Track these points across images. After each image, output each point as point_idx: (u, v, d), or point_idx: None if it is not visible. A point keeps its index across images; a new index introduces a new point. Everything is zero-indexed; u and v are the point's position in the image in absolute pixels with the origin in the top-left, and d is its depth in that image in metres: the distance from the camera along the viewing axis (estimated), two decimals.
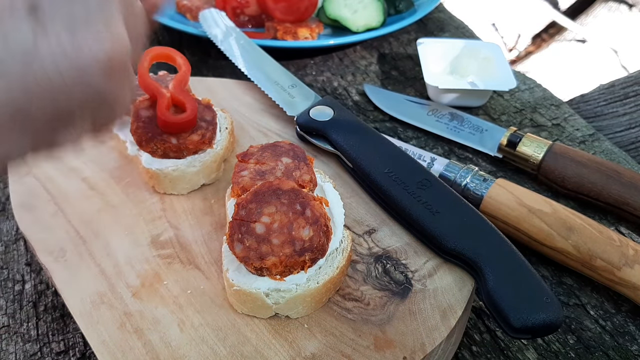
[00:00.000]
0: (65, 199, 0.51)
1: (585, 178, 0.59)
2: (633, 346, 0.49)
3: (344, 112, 0.56)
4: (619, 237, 0.51)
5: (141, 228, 0.49)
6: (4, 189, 0.62)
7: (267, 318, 0.41)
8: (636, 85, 0.86)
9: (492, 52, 0.75)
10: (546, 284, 0.41)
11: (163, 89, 0.53)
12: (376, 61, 0.84)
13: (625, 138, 0.81)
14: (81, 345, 0.48)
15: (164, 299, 0.43)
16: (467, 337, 0.49)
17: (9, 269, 0.54)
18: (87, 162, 0.55)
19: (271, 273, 0.40)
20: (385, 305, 0.42)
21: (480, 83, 0.72)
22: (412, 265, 0.45)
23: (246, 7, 0.84)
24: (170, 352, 0.39)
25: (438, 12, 0.97)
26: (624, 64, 2.19)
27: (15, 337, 0.49)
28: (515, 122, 0.72)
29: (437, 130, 0.69)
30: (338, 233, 0.44)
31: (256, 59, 0.66)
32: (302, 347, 0.40)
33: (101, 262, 0.46)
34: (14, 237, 0.57)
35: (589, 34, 2.27)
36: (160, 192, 0.52)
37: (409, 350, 0.39)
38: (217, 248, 0.47)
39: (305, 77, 0.80)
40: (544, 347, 0.48)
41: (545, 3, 2.41)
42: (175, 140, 0.51)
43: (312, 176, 0.47)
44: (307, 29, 0.81)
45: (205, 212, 0.50)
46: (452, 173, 0.58)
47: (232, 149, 0.56)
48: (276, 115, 0.61)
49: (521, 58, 2.38)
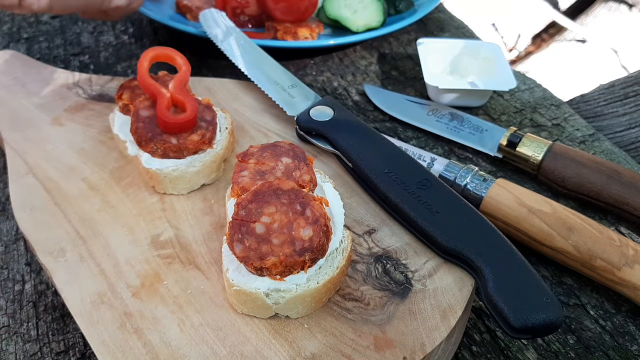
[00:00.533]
0: (65, 199, 0.51)
1: (585, 178, 0.59)
2: (633, 346, 0.49)
3: (344, 112, 0.56)
4: (619, 237, 0.51)
5: (141, 228, 0.49)
6: (4, 189, 0.62)
7: (267, 318, 0.41)
8: (636, 85, 0.86)
9: (492, 52, 0.75)
10: (546, 284, 0.41)
11: (163, 89, 0.53)
12: (376, 61, 0.84)
13: (625, 138, 0.81)
14: (81, 345, 0.48)
15: (164, 299, 0.43)
16: (467, 337, 0.49)
17: (9, 269, 0.54)
18: (87, 162, 0.55)
19: (271, 273, 0.40)
20: (385, 305, 0.42)
21: (480, 83, 0.72)
22: (412, 265, 0.45)
23: (246, 7, 0.84)
24: (170, 352, 0.39)
25: (438, 12, 0.97)
26: (624, 64, 2.19)
27: (15, 337, 0.49)
28: (515, 122, 0.72)
29: (437, 130, 0.69)
30: (338, 233, 0.44)
31: (256, 59, 0.66)
32: (302, 347, 0.40)
33: (101, 262, 0.46)
34: (14, 237, 0.57)
35: (589, 34, 2.27)
36: (160, 192, 0.52)
37: (409, 350, 0.39)
38: (217, 248, 0.47)
39: (305, 77, 0.80)
40: (544, 347, 0.48)
41: (545, 3, 2.41)
42: (175, 140, 0.51)
43: (312, 176, 0.47)
44: (307, 29, 0.81)
45: (205, 212, 0.50)
46: (452, 173, 0.58)
47: (232, 149, 0.56)
48: (276, 115, 0.61)
49: (521, 58, 2.38)
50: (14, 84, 0.66)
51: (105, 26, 0.92)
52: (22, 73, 0.68)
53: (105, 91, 0.65)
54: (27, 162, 0.55)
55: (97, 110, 0.62)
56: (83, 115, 0.61)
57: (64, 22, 0.93)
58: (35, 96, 0.64)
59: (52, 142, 0.57)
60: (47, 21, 0.93)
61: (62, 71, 0.68)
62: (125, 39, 0.89)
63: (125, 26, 0.92)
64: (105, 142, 0.57)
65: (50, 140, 0.58)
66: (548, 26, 2.40)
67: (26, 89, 0.65)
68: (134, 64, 0.83)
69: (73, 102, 0.63)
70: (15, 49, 0.85)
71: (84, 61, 0.84)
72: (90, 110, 0.62)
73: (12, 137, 0.58)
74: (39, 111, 0.62)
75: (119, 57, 0.85)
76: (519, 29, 2.44)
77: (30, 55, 0.85)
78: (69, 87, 0.65)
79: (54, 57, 0.85)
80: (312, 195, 0.44)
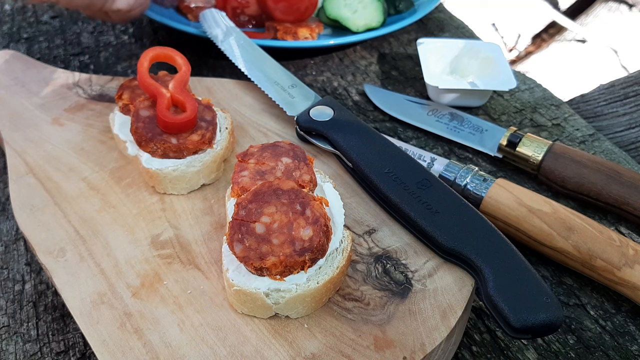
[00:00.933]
0: (65, 199, 0.51)
1: (585, 178, 0.59)
2: (633, 346, 0.49)
3: (344, 112, 0.56)
4: (619, 237, 0.51)
5: (141, 228, 0.49)
6: (4, 189, 0.62)
7: (267, 318, 0.41)
8: (636, 85, 0.86)
9: (492, 52, 0.75)
10: (546, 284, 0.41)
11: (163, 89, 0.53)
12: (376, 61, 0.84)
13: (625, 138, 0.81)
14: (81, 345, 0.48)
15: (164, 299, 0.43)
16: (467, 337, 0.49)
17: (9, 269, 0.54)
18: (87, 162, 0.55)
19: (271, 273, 0.40)
20: (385, 305, 0.42)
21: (480, 83, 0.72)
22: (412, 265, 0.45)
23: (246, 7, 0.84)
24: (170, 352, 0.39)
25: (438, 12, 0.97)
26: (624, 64, 2.19)
27: (15, 337, 0.49)
28: (515, 122, 0.72)
29: (437, 130, 0.69)
30: (338, 233, 0.44)
31: (256, 59, 0.66)
32: (302, 347, 0.40)
33: (101, 262, 0.46)
34: (14, 237, 0.57)
35: (589, 34, 2.27)
36: (160, 192, 0.52)
37: (409, 350, 0.39)
38: (217, 248, 0.47)
39: (305, 77, 0.80)
40: (544, 347, 0.48)
41: (545, 3, 2.41)
42: (175, 140, 0.51)
43: (312, 176, 0.47)
44: (307, 29, 0.81)
45: (205, 212, 0.50)
46: (452, 173, 0.58)
47: (232, 149, 0.56)
48: (276, 115, 0.61)
49: (521, 58, 2.38)
50: (14, 84, 0.66)
51: (105, 26, 0.92)
52: (22, 73, 0.68)
53: (105, 91, 0.65)
54: (27, 162, 0.55)
55: (97, 110, 0.62)
56: (83, 115, 0.61)
57: (64, 22, 0.93)
58: (35, 96, 0.64)
59: (52, 142, 0.57)
60: (47, 21, 0.93)
61: (62, 71, 0.68)
62: (125, 39, 0.89)
63: (125, 26, 0.92)
64: (105, 142, 0.57)
65: (50, 140, 0.58)
66: (548, 26, 2.40)
67: (26, 89, 0.65)
68: (134, 64, 0.83)
69: (73, 102, 0.63)
70: (15, 49, 0.85)
71: (84, 61, 0.84)
72: (90, 110, 0.62)
73: (12, 137, 0.58)
74: (39, 111, 0.62)
75: (119, 57, 0.85)
76: (519, 29, 2.44)
77: (30, 55, 0.85)
78: (69, 87, 0.65)
79: (54, 57, 0.85)
80: (312, 195, 0.44)
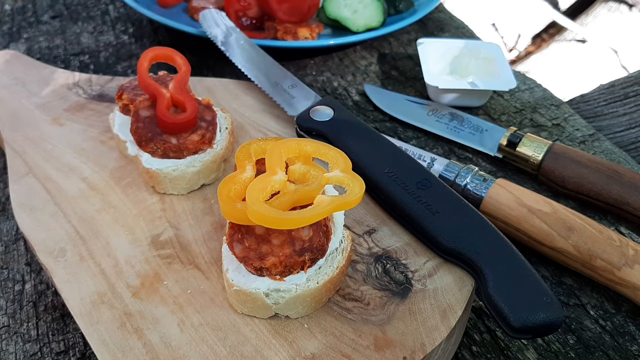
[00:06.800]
0: (65, 199, 0.51)
1: (585, 178, 0.59)
2: (633, 346, 0.49)
3: (344, 112, 0.56)
4: (619, 237, 0.51)
5: (141, 228, 0.49)
6: (4, 189, 0.62)
7: (267, 318, 0.41)
8: (636, 85, 0.86)
9: (492, 52, 0.75)
10: (546, 284, 0.41)
11: (163, 89, 0.53)
12: (376, 61, 0.84)
13: (625, 138, 0.81)
14: (81, 345, 0.48)
15: (164, 299, 0.43)
16: (467, 337, 0.49)
17: (9, 269, 0.54)
18: (87, 162, 0.55)
19: (271, 273, 0.40)
20: (385, 305, 0.42)
21: (480, 83, 0.72)
22: (412, 265, 0.45)
23: (248, 9, 0.84)
24: (170, 352, 0.39)
25: (438, 12, 0.97)
26: (624, 64, 2.19)
27: (15, 337, 0.49)
28: (515, 122, 0.72)
29: (437, 130, 0.69)
30: (338, 233, 0.44)
31: (256, 59, 0.66)
32: (302, 347, 0.40)
33: (101, 262, 0.46)
34: (14, 237, 0.57)
35: (589, 34, 2.27)
36: (160, 192, 0.52)
37: (409, 350, 0.39)
38: (217, 248, 0.47)
39: (305, 77, 0.80)
40: (544, 347, 0.48)
41: (545, 3, 2.41)
42: (175, 140, 0.51)
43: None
44: (307, 29, 0.81)
45: (205, 212, 0.50)
46: (452, 173, 0.58)
47: (232, 149, 0.56)
48: (276, 115, 0.61)
49: (521, 58, 2.38)
50: (14, 84, 0.66)
51: (105, 26, 0.92)
52: (22, 73, 0.68)
53: (105, 91, 0.65)
54: (27, 162, 0.55)
55: (97, 110, 0.62)
56: (83, 115, 0.61)
57: (64, 22, 0.93)
58: (35, 96, 0.64)
59: (52, 142, 0.57)
60: (47, 21, 0.93)
61: (62, 71, 0.68)
62: (125, 39, 0.89)
63: (125, 26, 0.92)
64: (105, 142, 0.57)
65: (50, 140, 0.58)
66: (548, 26, 2.40)
67: (26, 89, 0.65)
68: (134, 64, 0.83)
69: (73, 102, 0.63)
70: (15, 49, 0.85)
71: (84, 61, 0.84)
72: (90, 110, 0.62)
73: (12, 137, 0.58)
74: (39, 111, 0.62)
75: (119, 57, 0.85)
76: (519, 29, 2.44)
77: (30, 55, 0.85)
78: (69, 87, 0.65)
79: (54, 57, 0.85)
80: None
